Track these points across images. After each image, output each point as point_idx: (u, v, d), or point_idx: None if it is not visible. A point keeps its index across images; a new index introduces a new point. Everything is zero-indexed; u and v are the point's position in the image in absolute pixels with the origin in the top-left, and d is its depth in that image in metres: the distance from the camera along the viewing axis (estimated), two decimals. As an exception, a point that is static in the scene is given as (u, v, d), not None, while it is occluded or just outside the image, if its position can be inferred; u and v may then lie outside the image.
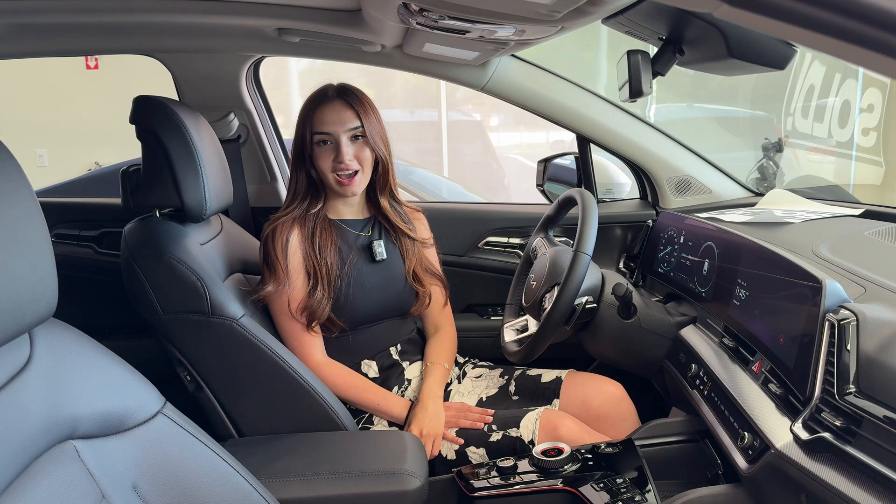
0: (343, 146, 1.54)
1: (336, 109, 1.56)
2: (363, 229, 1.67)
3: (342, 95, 1.57)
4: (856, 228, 1.48)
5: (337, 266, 1.57)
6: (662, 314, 1.53)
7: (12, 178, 0.72)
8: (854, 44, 0.44)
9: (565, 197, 1.64)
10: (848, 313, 0.94)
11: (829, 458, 0.88)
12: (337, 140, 1.55)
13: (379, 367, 1.63)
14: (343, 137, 1.55)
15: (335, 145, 1.55)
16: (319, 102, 1.57)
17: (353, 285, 1.58)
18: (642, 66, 1.31)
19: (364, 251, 1.64)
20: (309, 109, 1.57)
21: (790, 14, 0.44)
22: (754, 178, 3.07)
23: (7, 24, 1.48)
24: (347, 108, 1.56)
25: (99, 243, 2.12)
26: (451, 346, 1.73)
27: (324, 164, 1.56)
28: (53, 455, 0.76)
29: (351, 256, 1.60)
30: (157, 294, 1.36)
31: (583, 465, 1.34)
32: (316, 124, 1.55)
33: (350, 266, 1.59)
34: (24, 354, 0.77)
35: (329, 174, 1.56)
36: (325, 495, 1.23)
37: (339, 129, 1.55)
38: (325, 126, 1.55)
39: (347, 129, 1.55)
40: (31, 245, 0.73)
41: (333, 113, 1.55)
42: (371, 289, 1.60)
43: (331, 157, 1.55)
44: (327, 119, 1.55)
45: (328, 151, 1.56)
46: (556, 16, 0.98)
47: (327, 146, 1.56)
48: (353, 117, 1.55)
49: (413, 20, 1.15)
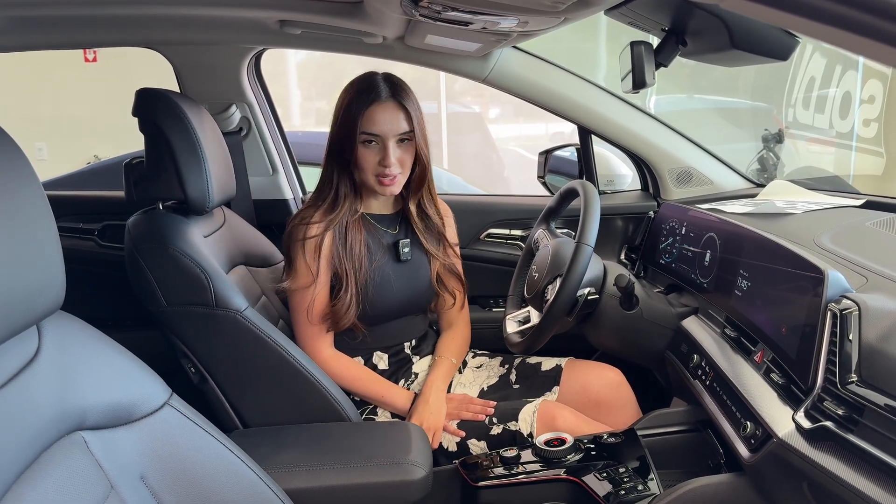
0: (390, 149, 1.49)
1: (389, 111, 1.49)
2: (391, 225, 1.64)
3: (395, 96, 1.50)
4: (857, 219, 1.49)
5: (365, 267, 1.55)
6: (664, 305, 1.53)
7: (21, 172, 0.73)
8: (860, 34, 0.44)
9: (567, 188, 1.64)
10: (850, 303, 0.95)
11: (831, 446, 0.89)
12: (385, 142, 1.49)
13: (389, 359, 1.64)
14: (391, 141, 1.49)
15: (382, 147, 1.49)
16: (372, 101, 1.49)
17: (377, 285, 1.56)
18: (646, 58, 1.31)
19: (390, 249, 1.61)
20: (358, 105, 1.49)
21: (797, 5, 0.44)
22: (755, 168, 3.07)
23: (8, 17, 1.48)
24: (400, 110, 1.50)
25: (101, 236, 2.12)
26: (461, 343, 1.72)
27: (366, 163, 1.50)
28: (62, 446, 0.77)
29: (378, 255, 1.58)
30: (161, 286, 1.37)
31: (585, 455, 1.35)
32: (366, 123, 1.48)
33: (376, 265, 1.57)
34: (33, 346, 0.77)
35: (371, 175, 1.51)
36: (331, 485, 1.23)
37: (390, 132, 1.49)
38: (376, 127, 1.49)
39: (398, 133, 1.50)
40: (40, 238, 0.74)
41: (386, 114, 1.49)
42: (394, 289, 1.59)
43: (375, 159, 1.50)
44: (379, 120, 1.48)
45: (373, 152, 1.50)
46: (559, 7, 0.98)
47: (373, 146, 1.50)
48: (405, 122, 1.50)
49: (416, 11, 1.14)
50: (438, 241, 1.68)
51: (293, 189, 2.20)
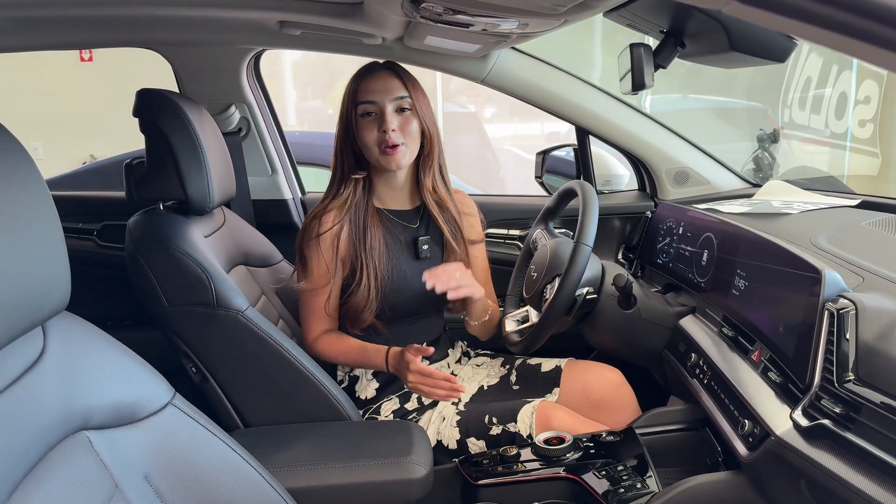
0: (388, 115, 1.48)
1: (382, 78, 1.51)
2: (411, 220, 1.63)
3: (389, 67, 1.54)
4: (853, 219, 1.50)
5: (384, 263, 1.54)
6: (662, 304, 1.55)
7: (26, 173, 0.73)
8: (861, 40, 0.45)
9: (565, 189, 1.65)
10: (847, 303, 0.96)
11: (828, 444, 0.90)
12: (382, 109, 1.49)
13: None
14: (388, 107, 1.49)
15: (380, 115, 1.49)
16: (366, 74, 1.53)
17: (395, 283, 1.55)
18: (645, 60, 1.33)
19: (409, 246, 1.60)
20: (355, 81, 1.53)
21: (799, 11, 0.45)
22: (750, 168, 3.08)
23: (8, 17, 1.48)
24: (394, 77, 1.51)
25: (100, 236, 2.12)
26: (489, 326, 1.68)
27: (368, 136, 1.50)
28: (67, 445, 0.78)
29: (396, 252, 1.57)
30: (162, 287, 1.37)
31: (584, 454, 1.35)
32: (360, 94, 1.50)
33: (394, 262, 1.56)
34: (38, 347, 0.78)
35: (373, 147, 1.50)
36: (333, 484, 1.24)
37: (385, 97, 1.49)
38: (370, 94, 1.49)
39: (393, 97, 1.49)
40: (46, 239, 0.74)
41: (380, 82, 1.50)
42: (411, 288, 1.56)
43: (375, 129, 1.49)
44: (372, 87, 1.50)
45: (372, 123, 1.50)
46: (559, 10, 0.99)
47: (371, 118, 1.50)
48: (399, 86, 1.50)
49: (416, 14, 1.15)
50: (457, 235, 1.65)
51: (292, 189, 2.20)
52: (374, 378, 1.60)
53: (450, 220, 1.64)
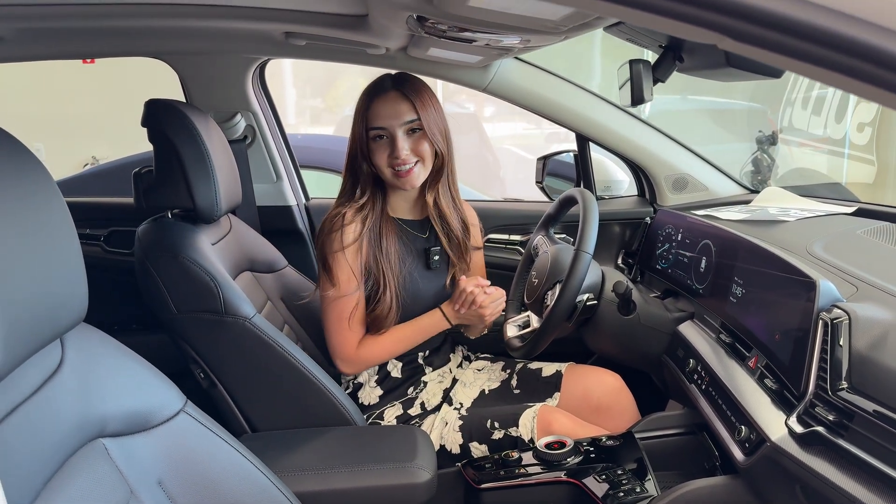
0: (399, 140, 1.49)
1: (391, 102, 1.50)
2: (421, 230, 1.64)
3: (398, 86, 1.52)
4: (848, 227, 1.52)
5: (401, 271, 1.55)
6: (661, 310, 1.57)
7: (43, 185, 0.75)
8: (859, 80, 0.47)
9: (566, 196, 1.67)
10: (841, 312, 0.99)
11: (822, 450, 0.92)
12: (392, 134, 1.49)
13: (403, 368, 1.64)
14: (399, 131, 1.49)
15: (391, 140, 1.50)
16: (375, 95, 1.52)
17: (409, 291, 1.56)
18: (644, 75, 1.35)
19: (421, 256, 1.62)
20: (365, 103, 1.52)
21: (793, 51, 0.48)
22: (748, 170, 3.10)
23: (19, 28, 1.50)
24: (403, 100, 1.50)
25: (107, 242, 2.14)
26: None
27: (380, 160, 1.51)
28: (85, 453, 0.80)
29: (409, 260, 1.59)
30: (171, 294, 1.40)
31: (585, 458, 1.38)
32: (371, 119, 1.50)
33: (408, 271, 1.57)
34: (56, 358, 0.80)
35: (386, 170, 1.51)
36: (339, 488, 1.27)
37: (395, 122, 1.49)
38: (380, 120, 1.50)
39: (403, 122, 1.49)
40: (64, 252, 0.76)
41: (388, 106, 1.50)
42: (423, 296, 1.59)
43: (386, 153, 1.50)
44: (382, 113, 1.50)
45: (384, 146, 1.50)
46: (562, 28, 1.02)
47: (383, 141, 1.50)
48: (408, 110, 1.50)
49: (421, 29, 1.18)
50: (461, 248, 1.66)
51: (297, 196, 2.23)
52: (377, 385, 1.63)
53: (453, 235, 1.65)
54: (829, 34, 0.45)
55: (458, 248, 1.67)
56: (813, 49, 0.47)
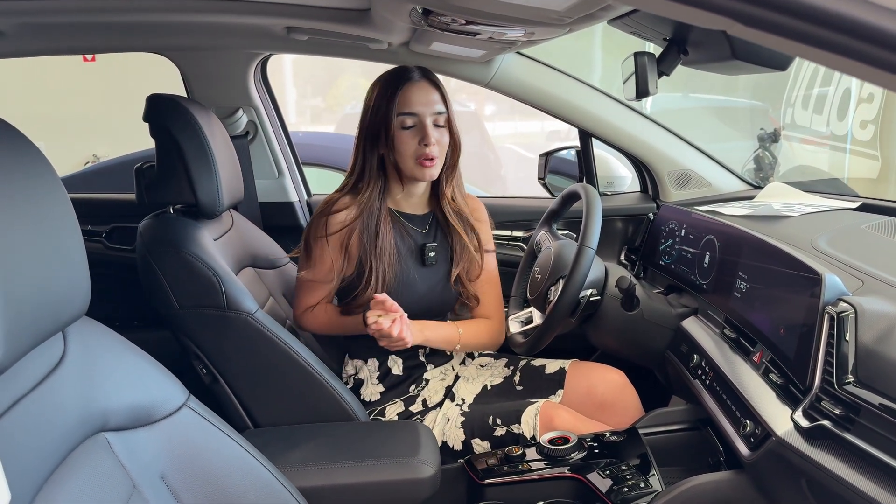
0: (429, 129, 1.48)
1: (424, 90, 1.50)
2: (421, 226, 1.63)
3: (427, 76, 1.52)
4: (853, 222, 1.52)
5: (393, 266, 1.54)
6: (664, 306, 1.57)
7: (47, 179, 0.74)
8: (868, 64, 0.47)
9: (569, 192, 1.67)
10: (846, 306, 0.98)
11: (828, 444, 0.92)
12: (423, 122, 1.49)
13: (404, 364, 1.64)
14: (428, 120, 1.49)
15: (420, 127, 1.49)
16: (404, 81, 1.50)
17: (401, 287, 1.56)
18: (649, 68, 1.35)
19: (417, 252, 1.61)
20: (392, 88, 1.49)
21: (804, 35, 0.47)
22: (751, 168, 3.10)
23: (21, 23, 1.50)
24: (434, 89, 1.51)
25: (109, 238, 2.14)
26: (482, 327, 1.67)
27: (406, 148, 1.49)
28: (88, 447, 0.79)
29: (404, 256, 1.58)
30: (173, 289, 1.39)
31: (589, 453, 1.38)
32: (402, 104, 1.48)
33: (402, 266, 1.56)
34: (59, 351, 0.80)
35: (411, 159, 1.50)
36: (342, 483, 1.26)
37: (426, 110, 1.49)
38: (412, 106, 1.48)
39: (434, 111, 1.50)
40: (66, 245, 0.75)
41: (422, 93, 1.49)
42: (416, 292, 1.58)
43: (415, 140, 1.48)
44: (415, 99, 1.48)
45: (412, 134, 1.49)
46: (566, 20, 1.01)
47: (412, 129, 1.49)
48: (439, 100, 1.51)
49: (424, 22, 1.17)
50: (464, 245, 1.64)
51: (298, 192, 2.23)
52: (378, 382, 1.62)
53: (467, 229, 1.64)
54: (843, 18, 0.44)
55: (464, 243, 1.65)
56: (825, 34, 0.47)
